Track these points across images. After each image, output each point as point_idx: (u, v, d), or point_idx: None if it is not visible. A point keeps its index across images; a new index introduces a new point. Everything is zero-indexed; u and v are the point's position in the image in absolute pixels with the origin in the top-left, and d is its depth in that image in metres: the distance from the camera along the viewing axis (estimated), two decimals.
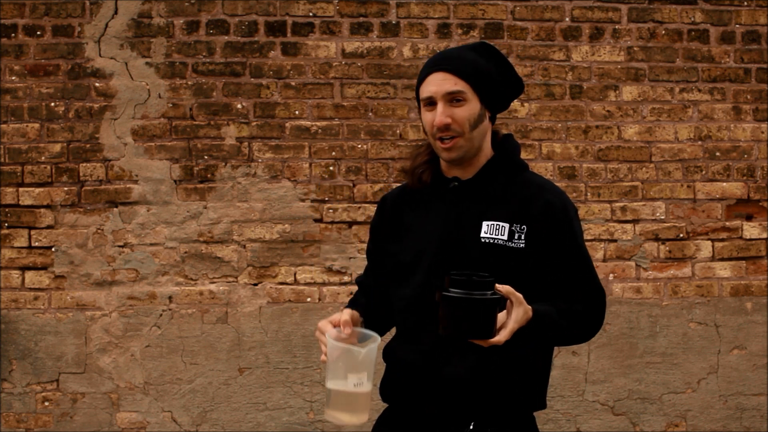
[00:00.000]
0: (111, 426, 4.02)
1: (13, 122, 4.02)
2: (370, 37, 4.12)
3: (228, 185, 4.07)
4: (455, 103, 1.92)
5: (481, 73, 1.94)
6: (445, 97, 1.92)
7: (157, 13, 4.05)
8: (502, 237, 1.92)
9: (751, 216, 4.26)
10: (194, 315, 4.05)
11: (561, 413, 4.16)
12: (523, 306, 1.75)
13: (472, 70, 1.93)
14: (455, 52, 1.98)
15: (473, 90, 1.92)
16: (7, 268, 4.01)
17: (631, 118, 4.22)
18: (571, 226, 1.96)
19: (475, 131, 1.94)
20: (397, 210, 2.09)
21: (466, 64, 1.93)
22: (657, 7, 4.23)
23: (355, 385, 1.82)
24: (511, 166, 2.01)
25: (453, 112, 1.92)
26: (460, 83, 1.91)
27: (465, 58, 1.95)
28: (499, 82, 1.98)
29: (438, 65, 1.94)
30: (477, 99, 1.93)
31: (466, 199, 1.97)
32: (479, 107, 1.94)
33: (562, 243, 1.93)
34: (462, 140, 1.93)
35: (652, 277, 4.21)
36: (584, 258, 1.97)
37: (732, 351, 4.23)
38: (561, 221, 1.94)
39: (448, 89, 1.91)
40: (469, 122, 1.92)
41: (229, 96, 4.07)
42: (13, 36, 4.02)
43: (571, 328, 1.90)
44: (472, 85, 1.92)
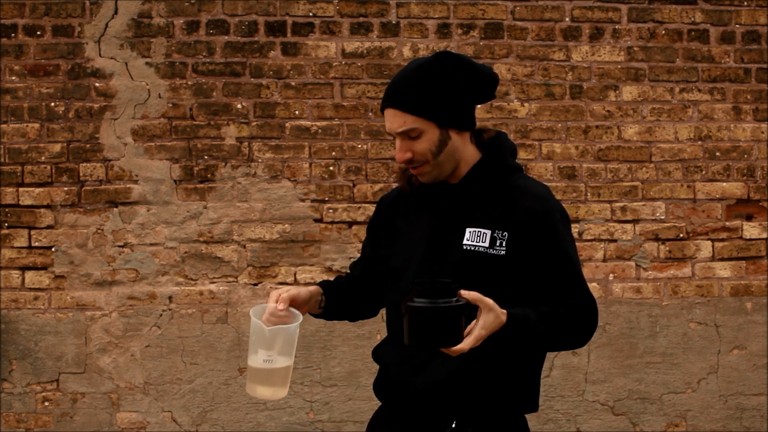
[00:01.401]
0: (111, 426, 4.02)
1: (13, 122, 4.02)
2: (370, 37, 4.12)
3: (228, 185, 4.07)
4: (412, 137, 1.88)
5: (434, 100, 1.87)
6: (399, 134, 1.89)
7: (157, 13, 4.05)
8: (483, 244, 1.90)
9: (751, 216, 4.26)
10: (194, 315, 4.05)
11: (561, 413, 4.16)
12: (493, 312, 1.74)
13: (422, 102, 1.86)
14: (405, 79, 1.90)
15: (428, 120, 1.87)
16: (7, 268, 4.01)
17: (631, 118, 4.22)
18: (554, 231, 1.91)
19: (441, 155, 1.90)
20: (392, 213, 2.09)
21: (415, 97, 1.86)
22: (657, 7, 4.23)
23: (264, 361, 1.85)
24: (499, 169, 1.97)
25: (411, 146, 1.89)
26: (409, 120, 1.87)
27: (414, 89, 1.87)
28: (464, 94, 1.91)
29: (389, 102, 1.90)
30: (434, 126, 1.88)
31: (452, 205, 1.96)
32: (438, 133, 1.88)
33: (544, 249, 1.90)
34: (428, 167, 1.91)
35: (652, 277, 4.21)
36: (569, 263, 1.92)
37: (732, 351, 4.24)
38: (542, 227, 1.90)
39: (399, 129, 1.88)
40: (430, 152, 1.89)
41: (229, 96, 4.07)
42: (13, 36, 4.02)
43: (553, 332, 1.87)
44: (426, 116, 1.87)
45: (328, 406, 4.09)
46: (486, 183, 1.95)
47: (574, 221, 4.17)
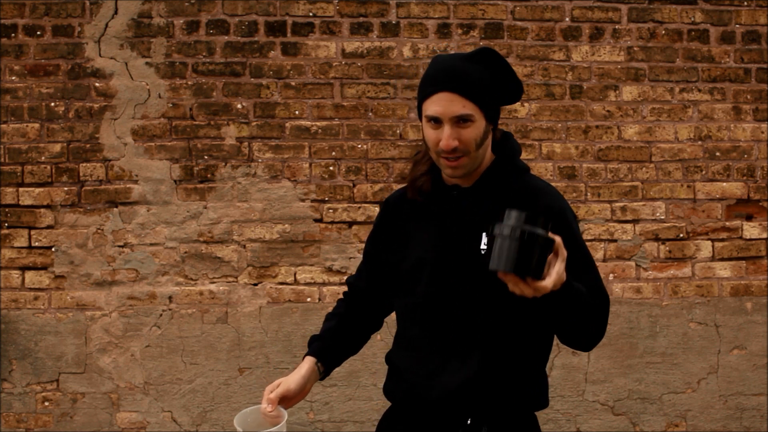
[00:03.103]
0: (111, 426, 4.02)
1: (13, 122, 4.02)
2: (370, 37, 4.12)
3: (228, 185, 4.07)
4: (462, 123, 1.88)
5: (488, 91, 1.90)
6: (453, 119, 1.88)
7: (157, 13, 4.05)
8: None
9: (751, 216, 4.26)
10: (194, 315, 4.05)
11: (561, 413, 4.16)
12: (564, 264, 1.70)
13: (480, 91, 1.89)
14: (462, 67, 1.90)
15: (480, 110, 1.89)
16: (7, 268, 4.01)
17: (631, 118, 4.22)
18: (572, 229, 1.93)
19: (481, 149, 1.92)
20: (399, 216, 2.08)
21: (474, 84, 1.88)
22: (657, 7, 4.23)
23: None
24: (511, 171, 1.99)
25: (460, 133, 1.88)
26: (468, 105, 1.87)
27: (472, 77, 1.88)
28: (502, 93, 1.96)
29: (446, 85, 1.88)
30: (483, 117, 1.90)
31: (466, 209, 1.96)
32: (485, 125, 1.91)
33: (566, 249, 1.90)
34: (467, 159, 1.91)
35: (652, 277, 4.21)
36: (588, 262, 1.95)
37: (732, 351, 4.23)
38: (560, 226, 1.88)
39: (457, 112, 1.87)
40: (475, 142, 1.90)
41: (229, 96, 4.07)
42: (13, 36, 4.02)
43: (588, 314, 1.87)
44: (480, 106, 1.89)
45: (328, 406, 4.09)
46: (499, 186, 1.96)
47: None
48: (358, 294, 2.18)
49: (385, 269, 2.09)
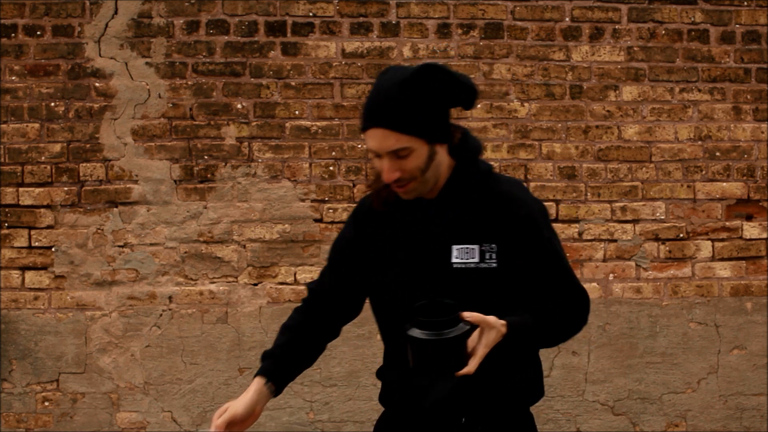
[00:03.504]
0: (111, 426, 4.02)
1: (13, 122, 4.02)
2: (370, 37, 4.12)
3: (228, 185, 4.07)
4: (401, 156, 1.81)
5: (427, 115, 1.80)
6: (389, 153, 1.81)
7: (157, 13, 4.05)
8: (473, 260, 1.87)
9: (751, 216, 4.26)
10: (194, 315, 4.05)
11: (561, 413, 4.16)
12: (494, 329, 1.75)
13: (415, 120, 1.79)
14: (395, 97, 1.79)
15: (418, 138, 1.80)
16: (7, 268, 4.01)
17: (631, 118, 4.22)
18: (540, 233, 1.90)
19: (428, 171, 1.85)
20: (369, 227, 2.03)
21: (408, 115, 1.78)
22: (657, 7, 4.24)
23: None
24: (474, 175, 1.92)
25: (401, 164, 1.81)
26: (403, 139, 1.79)
27: (406, 107, 1.78)
28: (448, 106, 1.86)
29: (377, 121, 1.80)
30: (424, 143, 1.81)
31: (434, 222, 1.91)
32: (427, 149, 1.82)
33: (534, 253, 1.89)
34: (415, 183, 1.85)
35: (652, 277, 4.21)
36: (559, 261, 1.92)
37: (732, 351, 4.24)
38: (529, 232, 1.88)
39: (391, 147, 1.80)
40: (419, 169, 1.82)
41: (229, 96, 4.07)
42: (13, 36, 4.02)
43: (551, 330, 1.90)
44: (417, 134, 1.80)
45: (328, 406, 4.09)
46: (464, 195, 1.91)
47: (574, 221, 4.17)
48: (319, 300, 2.13)
49: (354, 279, 2.05)
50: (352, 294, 2.09)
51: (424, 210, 1.92)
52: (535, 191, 4.16)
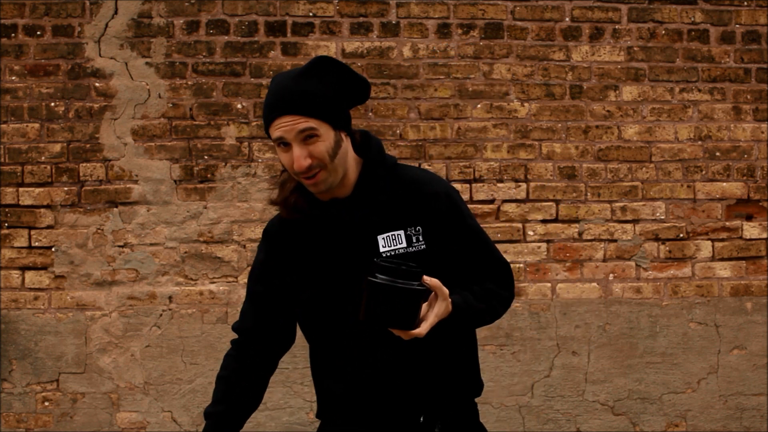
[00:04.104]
0: (111, 426, 4.02)
1: (13, 122, 4.02)
2: (370, 37, 4.12)
3: (228, 185, 4.07)
4: (309, 140, 1.84)
5: (328, 101, 1.86)
6: (298, 137, 1.84)
7: (157, 13, 4.05)
8: (401, 245, 1.89)
9: (751, 216, 4.26)
10: (194, 315, 4.05)
11: (561, 413, 4.16)
12: (446, 301, 1.77)
13: (318, 104, 1.84)
14: (296, 86, 1.85)
15: (324, 122, 1.84)
16: (7, 268, 4.01)
17: (631, 118, 4.22)
18: (460, 210, 1.95)
19: (337, 158, 1.87)
20: (284, 244, 2.01)
21: (311, 99, 1.84)
22: (657, 7, 4.24)
23: None
24: (383, 169, 1.96)
25: (310, 150, 1.84)
26: (310, 121, 1.83)
27: (308, 93, 1.84)
28: (346, 97, 1.91)
29: (283, 108, 1.84)
30: (330, 127, 1.86)
31: (353, 219, 1.92)
32: (333, 134, 1.86)
33: (457, 230, 1.93)
34: (325, 172, 1.87)
35: (652, 277, 4.21)
36: (480, 237, 1.97)
37: (732, 351, 4.24)
38: (450, 210, 1.93)
39: (299, 129, 1.83)
40: (328, 154, 1.85)
41: (229, 96, 4.07)
42: (13, 36, 4.02)
43: (488, 308, 1.93)
44: (323, 118, 1.84)
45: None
46: (376, 187, 1.93)
47: (574, 221, 4.18)
48: (247, 340, 2.07)
49: (280, 305, 2.02)
50: (280, 322, 2.04)
51: (340, 209, 1.93)
52: (535, 191, 4.16)
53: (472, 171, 4.15)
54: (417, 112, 4.13)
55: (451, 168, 4.13)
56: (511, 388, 4.10)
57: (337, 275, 1.92)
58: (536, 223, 4.16)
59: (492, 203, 4.15)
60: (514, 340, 4.13)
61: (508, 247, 4.14)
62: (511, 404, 4.09)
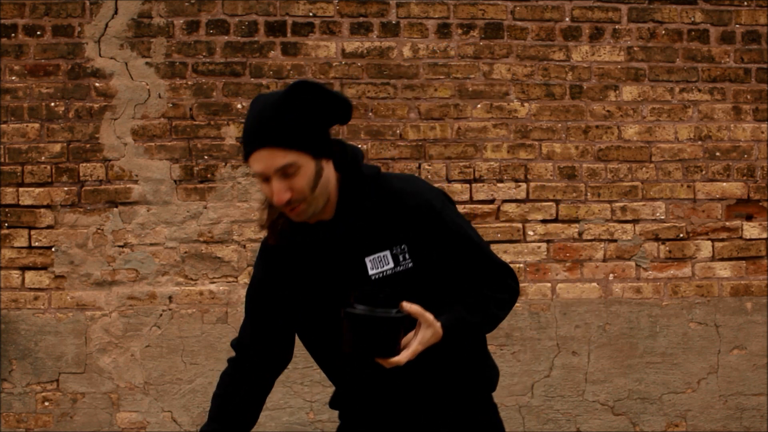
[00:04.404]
0: (111, 426, 4.02)
1: (13, 122, 4.02)
2: (370, 37, 4.12)
3: (228, 185, 4.07)
4: (289, 174, 1.77)
5: (307, 130, 1.77)
6: (278, 172, 1.76)
7: (157, 13, 4.05)
8: (389, 266, 1.86)
9: (751, 216, 4.26)
10: (194, 315, 4.05)
11: (561, 413, 4.16)
12: (432, 327, 1.74)
13: (298, 134, 1.76)
14: (273, 116, 1.76)
15: (304, 153, 1.77)
16: (7, 268, 4.01)
17: (631, 118, 4.22)
18: (444, 219, 1.87)
19: (317, 189, 1.81)
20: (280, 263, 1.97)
21: (290, 131, 1.75)
22: (657, 7, 4.24)
23: None
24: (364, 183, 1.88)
25: (290, 184, 1.77)
26: (289, 154, 1.75)
27: (286, 123, 1.75)
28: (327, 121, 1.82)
29: (261, 142, 1.76)
30: (310, 157, 1.78)
31: (339, 241, 1.88)
32: (314, 164, 1.78)
33: (445, 241, 1.87)
34: (305, 204, 1.81)
35: (652, 277, 4.21)
36: (472, 242, 1.91)
37: (732, 351, 4.24)
38: (434, 221, 1.86)
39: (279, 165, 1.76)
40: (309, 186, 1.79)
41: (229, 96, 4.07)
42: (13, 36, 4.02)
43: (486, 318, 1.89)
44: (302, 149, 1.76)
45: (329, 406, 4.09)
46: (359, 205, 1.87)
47: (574, 221, 4.18)
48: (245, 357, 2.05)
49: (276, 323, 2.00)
50: (277, 340, 2.03)
51: (326, 232, 1.89)
52: (535, 191, 4.16)
53: (472, 171, 4.15)
54: (417, 112, 4.13)
55: (451, 168, 4.13)
56: (511, 388, 4.10)
57: (328, 297, 1.90)
58: (536, 223, 4.16)
59: (492, 203, 4.15)
60: (514, 340, 4.13)
61: (508, 247, 4.14)
62: (511, 404, 4.09)
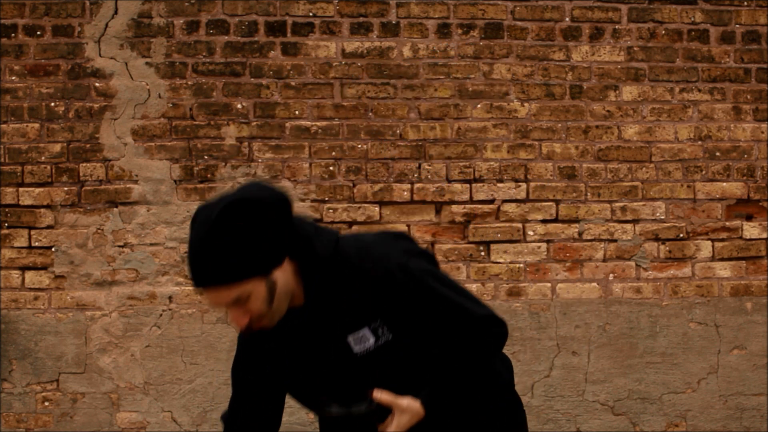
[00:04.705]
0: (111, 426, 4.02)
1: (13, 122, 4.02)
2: (370, 37, 4.12)
3: (228, 185, 4.07)
4: (242, 301, 1.72)
5: (247, 258, 1.69)
6: (229, 304, 1.72)
7: (157, 13, 4.05)
8: (371, 341, 1.83)
9: (751, 216, 4.26)
10: (194, 315, 4.05)
11: (561, 413, 4.16)
12: (406, 412, 1.77)
13: (236, 269, 1.68)
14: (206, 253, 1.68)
15: (251, 278, 1.70)
16: (7, 268, 4.01)
17: (631, 118, 4.22)
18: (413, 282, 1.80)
19: (275, 302, 1.75)
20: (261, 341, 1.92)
21: (227, 268, 1.68)
22: (657, 7, 4.24)
23: None
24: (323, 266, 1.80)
25: (245, 308, 1.73)
26: (234, 288, 1.69)
27: (222, 261, 1.67)
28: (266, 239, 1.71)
29: (203, 283, 1.71)
30: (258, 279, 1.71)
31: (317, 326, 1.85)
32: (264, 284, 1.72)
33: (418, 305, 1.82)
34: (267, 319, 1.76)
35: (652, 277, 4.21)
36: (448, 299, 1.83)
37: (732, 351, 4.24)
38: (402, 288, 1.80)
39: (226, 301, 1.72)
40: (265, 305, 1.73)
41: (229, 96, 4.07)
42: (13, 36, 4.02)
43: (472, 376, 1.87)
44: (247, 278, 1.69)
45: None
46: (325, 288, 1.81)
47: (574, 221, 4.17)
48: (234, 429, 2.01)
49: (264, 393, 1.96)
50: (264, 412, 2.00)
51: (300, 319, 1.85)
52: (535, 191, 4.16)
53: (472, 171, 4.15)
54: (417, 112, 4.13)
55: (451, 168, 4.14)
56: None
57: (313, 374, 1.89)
58: (536, 223, 4.16)
59: (492, 203, 4.15)
60: (514, 340, 4.13)
61: (508, 247, 4.14)
62: None
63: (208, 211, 1.70)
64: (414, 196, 4.12)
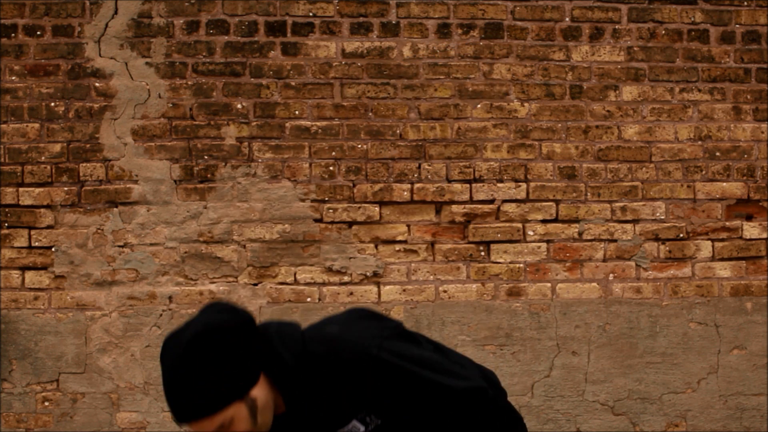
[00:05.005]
0: (111, 426, 4.02)
1: (13, 122, 4.02)
2: (370, 37, 4.12)
3: (228, 185, 4.07)
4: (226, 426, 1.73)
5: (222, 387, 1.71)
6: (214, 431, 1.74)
7: (157, 13, 4.05)
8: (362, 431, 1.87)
9: (751, 216, 4.26)
10: None
11: (561, 413, 4.16)
12: None
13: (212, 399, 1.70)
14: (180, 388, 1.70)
15: (230, 404, 1.72)
16: (7, 268, 4.01)
17: (631, 118, 4.22)
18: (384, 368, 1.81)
19: (259, 419, 1.77)
20: None
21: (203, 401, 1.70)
22: (657, 7, 4.24)
23: None
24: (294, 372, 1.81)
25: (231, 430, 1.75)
26: (216, 419, 1.71)
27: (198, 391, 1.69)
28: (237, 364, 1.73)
29: (184, 417, 1.72)
30: (238, 403, 1.73)
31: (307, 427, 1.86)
32: (245, 405, 1.74)
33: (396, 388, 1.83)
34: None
35: (652, 277, 4.21)
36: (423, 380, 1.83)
37: (732, 351, 4.24)
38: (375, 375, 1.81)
39: (213, 429, 1.73)
40: (250, 424, 1.75)
41: (229, 96, 4.07)
42: (13, 36, 4.02)
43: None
44: (226, 405, 1.72)
45: None
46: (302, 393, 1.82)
47: (574, 221, 4.17)
48: None
49: None
50: None
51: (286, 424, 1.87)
52: (535, 191, 4.16)
53: (472, 171, 4.15)
54: (417, 112, 4.13)
55: (451, 168, 4.14)
56: (511, 388, 4.10)
57: None
58: (536, 223, 4.16)
59: (492, 203, 4.15)
60: (514, 340, 4.13)
61: (508, 247, 4.14)
62: None
63: (175, 346, 1.71)
64: (414, 196, 4.12)
